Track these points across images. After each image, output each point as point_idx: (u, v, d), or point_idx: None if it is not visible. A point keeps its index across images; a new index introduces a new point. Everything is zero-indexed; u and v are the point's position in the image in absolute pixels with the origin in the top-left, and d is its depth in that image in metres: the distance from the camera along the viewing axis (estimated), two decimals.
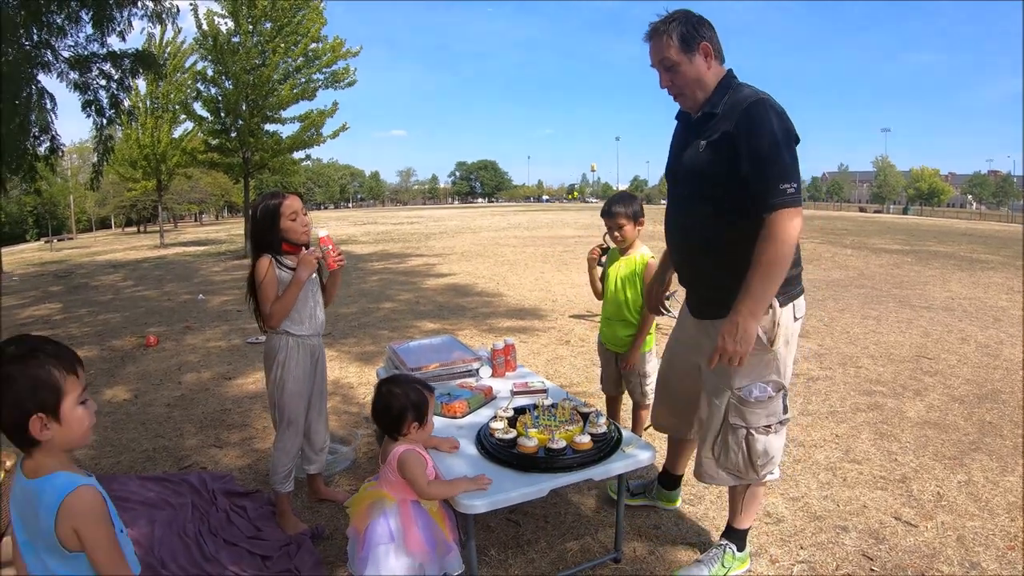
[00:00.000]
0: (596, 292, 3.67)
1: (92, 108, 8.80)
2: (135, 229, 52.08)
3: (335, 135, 18.75)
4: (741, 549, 2.62)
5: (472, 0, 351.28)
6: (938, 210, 70.34)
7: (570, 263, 13.68)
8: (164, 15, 8.90)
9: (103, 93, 8.87)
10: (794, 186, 2.09)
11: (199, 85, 17.80)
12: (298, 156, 19.69)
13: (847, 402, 4.66)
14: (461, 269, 13.23)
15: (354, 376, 5.47)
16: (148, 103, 24.81)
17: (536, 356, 6.01)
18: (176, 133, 25.89)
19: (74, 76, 8.48)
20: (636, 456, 2.46)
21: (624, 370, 3.42)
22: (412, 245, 20.14)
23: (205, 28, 16.42)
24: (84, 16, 8.12)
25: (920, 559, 2.72)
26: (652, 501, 3.15)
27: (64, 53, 8.32)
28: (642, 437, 2.88)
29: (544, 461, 2.35)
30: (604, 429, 2.52)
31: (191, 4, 16.09)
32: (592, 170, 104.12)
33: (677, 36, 2.25)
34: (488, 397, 3.05)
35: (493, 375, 3.42)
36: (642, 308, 3.27)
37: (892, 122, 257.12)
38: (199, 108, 18.11)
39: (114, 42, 8.66)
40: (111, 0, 7.97)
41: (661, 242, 2.75)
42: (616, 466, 2.41)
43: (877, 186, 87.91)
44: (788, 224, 2.07)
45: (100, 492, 1.46)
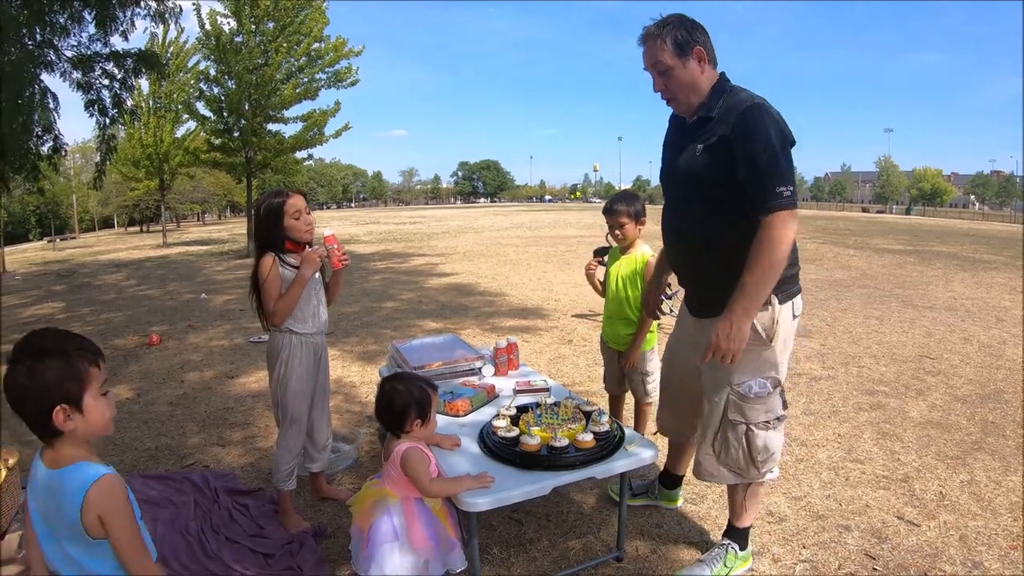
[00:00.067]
0: (599, 293, 3.69)
1: (95, 108, 8.77)
2: (138, 229, 52.14)
3: (337, 135, 18.82)
4: (743, 548, 2.62)
5: (474, 0, 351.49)
6: (941, 210, 70.19)
7: (572, 263, 13.67)
8: (167, 15, 8.87)
9: (106, 93, 8.85)
10: (789, 189, 2.12)
11: (202, 85, 17.89)
12: (300, 156, 19.78)
13: (849, 401, 4.66)
14: (464, 269, 13.23)
15: (356, 375, 5.48)
16: (151, 103, 24.89)
17: (539, 355, 6.01)
18: (179, 133, 25.94)
19: (77, 76, 8.46)
20: (639, 454, 2.46)
21: (626, 369, 3.42)
22: (414, 245, 20.16)
23: (208, 28, 16.47)
24: (87, 16, 8.10)
25: (923, 559, 2.72)
26: (654, 501, 3.15)
27: (67, 53, 8.31)
28: (645, 435, 2.88)
29: (547, 459, 2.35)
30: (607, 427, 2.52)
31: (194, 4, 16.10)
32: (595, 170, 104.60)
33: (671, 40, 2.26)
34: (491, 395, 3.06)
35: (496, 374, 3.42)
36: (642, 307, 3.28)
37: (895, 122, 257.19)
38: (202, 108, 18.21)
39: (117, 42, 8.67)
40: (114, 0, 7.97)
41: (661, 241, 2.75)
42: (619, 464, 2.41)
43: (880, 186, 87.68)
44: (784, 226, 2.10)
45: (122, 481, 1.50)
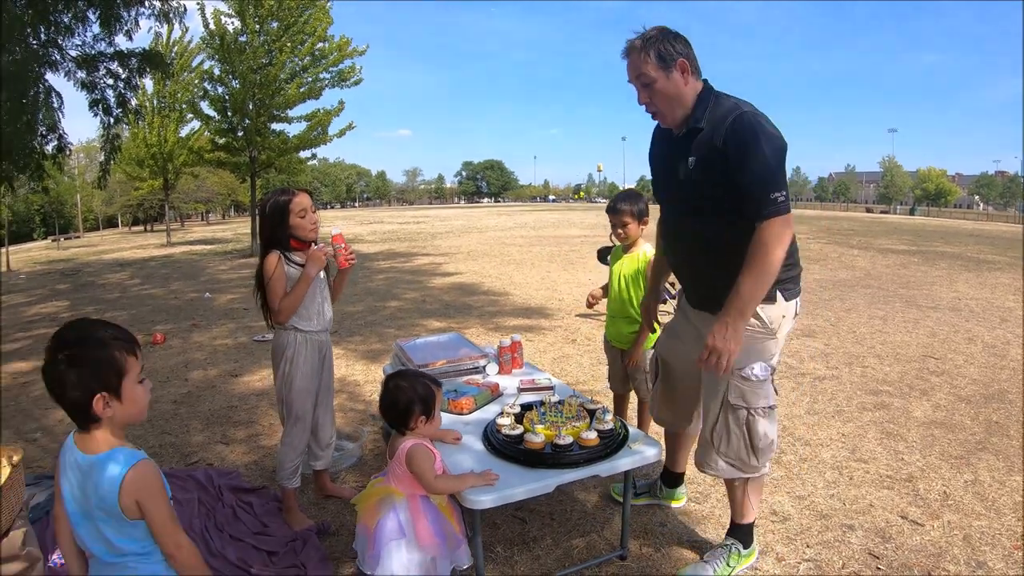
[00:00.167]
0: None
1: (99, 107, 8.79)
2: (142, 228, 52.30)
3: (341, 134, 18.86)
4: (747, 546, 2.62)
5: (478, 0, 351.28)
6: (945, 211, 70.01)
7: (576, 263, 13.67)
8: (171, 14, 8.89)
9: (110, 92, 8.88)
10: (783, 195, 2.13)
11: (206, 84, 17.97)
12: (304, 155, 19.83)
13: (853, 401, 4.65)
14: (467, 268, 13.24)
15: (360, 374, 5.49)
16: (155, 102, 24.94)
17: (542, 354, 6.01)
18: (183, 132, 26.01)
19: (81, 75, 8.48)
20: (643, 452, 2.46)
21: (629, 368, 3.42)
22: (418, 244, 20.17)
23: (212, 27, 16.53)
24: (91, 15, 8.12)
25: (926, 558, 2.72)
26: (657, 500, 3.15)
27: (72, 52, 8.33)
28: (648, 434, 2.88)
29: (551, 457, 2.35)
30: (611, 426, 2.52)
31: (198, 3, 16.17)
32: (599, 170, 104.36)
33: (654, 53, 2.25)
34: (495, 394, 3.06)
35: (500, 372, 3.42)
36: (647, 283, 3.28)
37: (899, 122, 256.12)
38: (206, 107, 18.27)
39: (121, 41, 8.67)
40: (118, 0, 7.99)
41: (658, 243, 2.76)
42: (623, 462, 2.41)
43: (884, 187, 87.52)
44: (779, 232, 2.13)
45: (156, 465, 1.54)
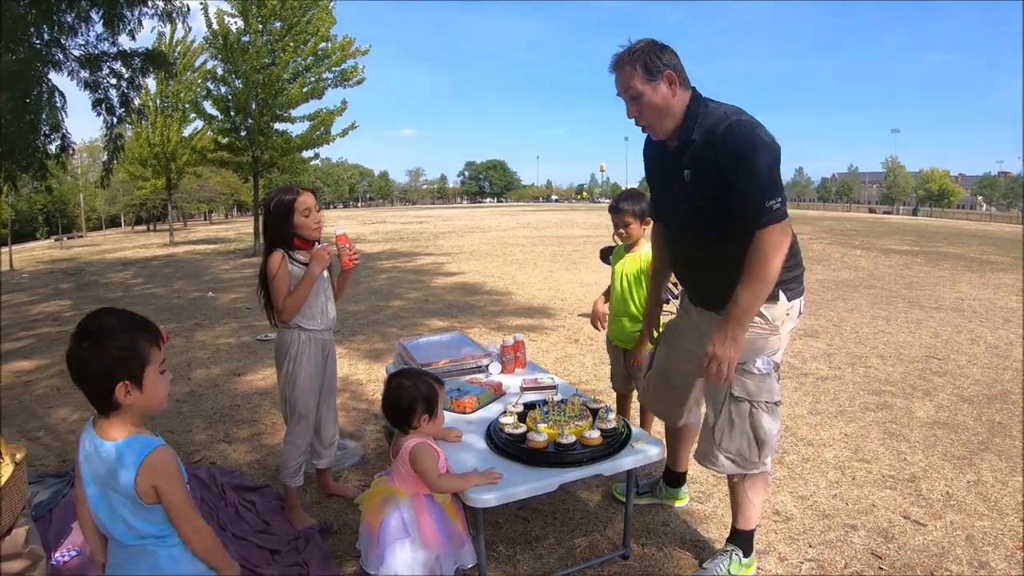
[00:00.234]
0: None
1: (102, 107, 8.80)
2: (145, 227, 52.44)
3: (344, 133, 18.86)
4: (747, 554, 2.58)
5: (482, 0, 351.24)
6: (948, 211, 69.94)
7: (579, 263, 13.68)
8: (174, 14, 8.91)
9: (113, 92, 8.88)
10: (778, 201, 2.12)
11: (209, 84, 17.95)
12: (307, 155, 19.83)
13: (856, 401, 4.65)
14: (470, 268, 13.25)
15: (363, 373, 5.49)
16: (158, 102, 25.01)
17: (545, 354, 6.01)
18: (186, 132, 26.07)
19: (85, 75, 8.49)
20: (646, 451, 2.46)
21: (631, 367, 3.42)
22: (421, 244, 20.18)
23: (215, 27, 16.54)
24: (94, 15, 8.13)
25: (929, 558, 2.72)
26: (659, 500, 3.15)
27: (75, 52, 8.33)
28: (651, 433, 2.89)
29: (554, 456, 2.35)
30: (614, 425, 2.51)
31: (201, 3, 16.21)
32: (601, 170, 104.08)
33: (641, 66, 2.24)
34: (498, 393, 3.06)
35: (502, 371, 3.42)
36: (647, 293, 3.28)
37: (902, 123, 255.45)
38: (209, 107, 18.30)
39: (124, 41, 8.68)
40: None
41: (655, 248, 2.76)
42: (625, 461, 2.41)
43: (887, 187, 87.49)
44: (777, 239, 2.13)
45: (173, 452, 1.58)
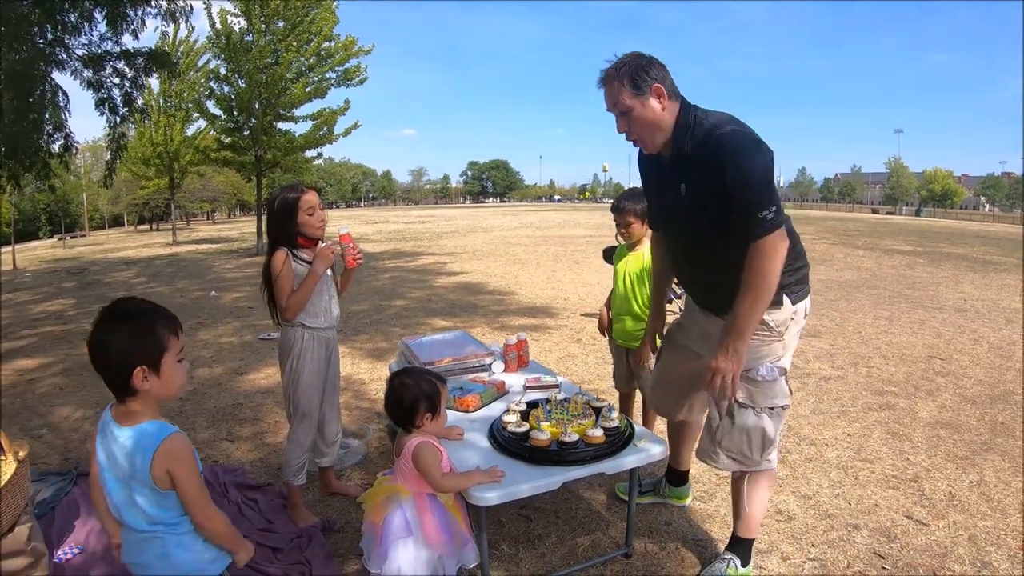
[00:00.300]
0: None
1: (106, 106, 8.82)
2: (148, 227, 52.48)
3: (347, 133, 18.88)
4: (745, 563, 2.56)
5: (484, 0, 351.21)
6: (951, 212, 69.68)
7: (582, 262, 13.68)
8: (178, 14, 8.91)
9: (117, 91, 8.89)
10: (772, 211, 2.09)
11: (212, 83, 18.00)
12: (310, 154, 19.85)
13: (859, 401, 4.65)
14: (473, 267, 13.26)
15: (366, 372, 5.50)
16: (161, 101, 25.10)
17: (548, 354, 6.01)
18: (189, 131, 26.14)
19: (88, 74, 8.50)
20: (648, 450, 2.46)
21: (635, 365, 3.41)
22: (424, 244, 20.19)
23: (218, 27, 16.57)
24: (98, 14, 8.14)
25: (932, 558, 2.72)
26: (662, 499, 3.15)
27: (78, 51, 8.34)
28: (654, 432, 2.89)
29: (556, 454, 2.35)
30: (617, 423, 2.52)
31: (204, 3, 16.24)
32: (604, 170, 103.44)
33: (628, 81, 2.22)
34: (500, 391, 3.06)
35: (505, 370, 3.43)
36: (650, 304, 3.28)
37: (905, 123, 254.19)
38: (212, 106, 18.35)
39: (128, 40, 8.66)
40: None
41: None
42: (628, 460, 2.42)
43: (890, 187, 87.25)
44: (771, 251, 2.11)
45: (188, 439, 1.61)
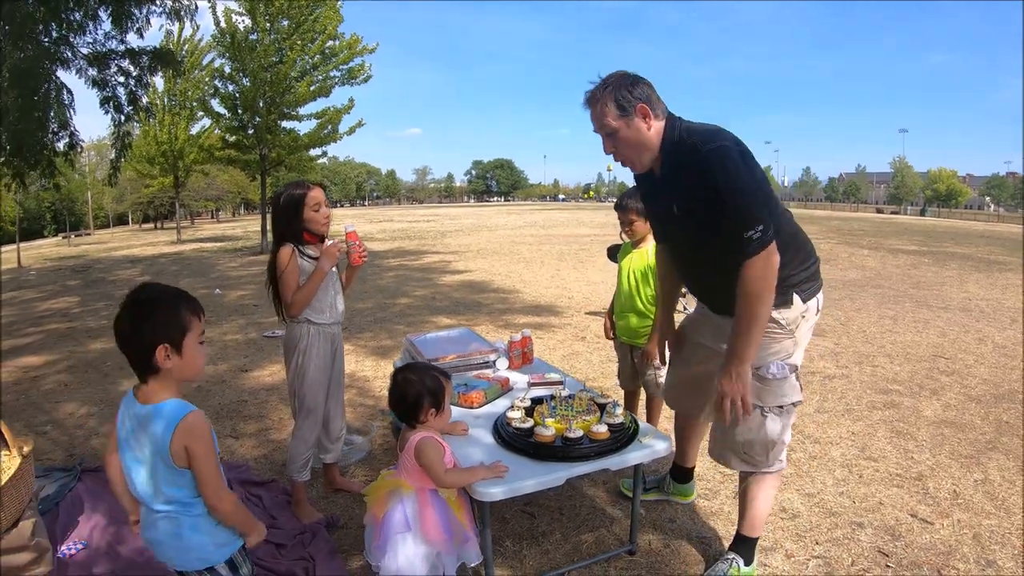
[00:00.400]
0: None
1: (110, 105, 8.82)
2: (152, 225, 52.54)
3: (351, 131, 18.88)
4: (748, 563, 2.55)
5: (488, 0, 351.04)
6: (956, 212, 69.41)
7: (586, 261, 13.68)
8: (182, 12, 8.90)
9: (121, 90, 8.89)
10: (758, 230, 2.06)
11: (217, 82, 18.02)
12: (315, 153, 19.86)
13: (863, 400, 4.64)
14: (477, 266, 13.27)
15: (370, 369, 5.51)
16: (166, 100, 25.12)
17: (552, 352, 6.01)
18: (193, 130, 26.15)
19: (93, 73, 8.50)
20: (653, 446, 2.46)
21: (640, 363, 3.41)
22: (428, 242, 20.21)
23: (223, 25, 16.57)
24: (103, 13, 8.15)
25: (936, 556, 2.71)
26: (666, 496, 3.15)
27: (83, 50, 8.34)
28: (658, 428, 2.89)
29: (561, 450, 2.36)
30: (621, 419, 2.52)
31: (209, 2, 16.23)
32: (608, 170, 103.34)
33: (612, 102, 2.20)
34: (505, 388, 3.07)
35: (510, 367, 3.43)
36: (655, 301, 3.28)
37: (910, 123, 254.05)
38: (217, 105, 18.34)
39: (132, 39, 8.66)
40: None
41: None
42: (633, 456, 2.42)
43: (894, 187, 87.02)
44: (760, 273, 2.09)
45: (207, 418, 1.65)
